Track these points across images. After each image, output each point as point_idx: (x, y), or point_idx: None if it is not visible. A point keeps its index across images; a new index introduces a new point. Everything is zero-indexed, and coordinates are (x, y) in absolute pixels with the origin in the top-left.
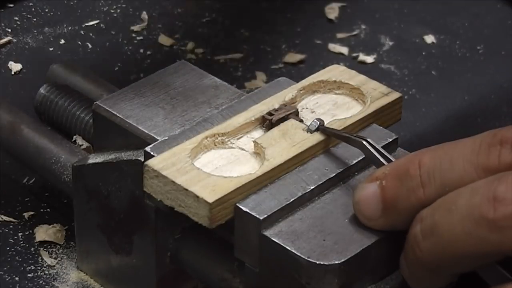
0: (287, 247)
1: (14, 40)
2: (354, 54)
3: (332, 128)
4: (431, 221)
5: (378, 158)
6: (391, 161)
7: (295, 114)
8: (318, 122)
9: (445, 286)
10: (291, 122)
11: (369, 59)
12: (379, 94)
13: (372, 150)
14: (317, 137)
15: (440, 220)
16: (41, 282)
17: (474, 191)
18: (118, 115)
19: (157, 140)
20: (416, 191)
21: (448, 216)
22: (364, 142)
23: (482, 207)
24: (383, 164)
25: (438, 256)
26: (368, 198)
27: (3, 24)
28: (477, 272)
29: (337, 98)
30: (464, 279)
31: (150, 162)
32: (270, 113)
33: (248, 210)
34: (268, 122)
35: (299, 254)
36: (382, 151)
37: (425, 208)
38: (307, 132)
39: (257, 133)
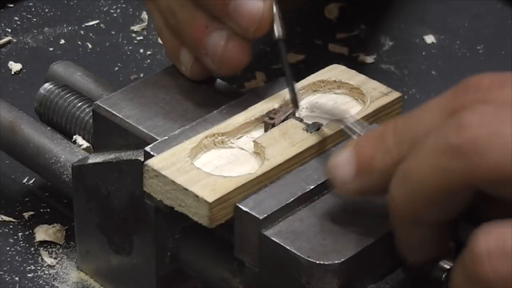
0: (287, 247)
1: (14, 40)
2: (354, 54)
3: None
4: (402, 169)
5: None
6: None
7: (295, 114)
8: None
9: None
10: (291, 121)
11: (369, 59)
12: (379, 94)
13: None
14: (317, 137)
15: (409, 164)
16: (41, 282)
17: (440, 128)
18: (118, 115)
19: (157, 140)
20: (391, 150)
21: (416, 156)
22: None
23: (447, 134)
24: None
25: (410, 201)
26: (343, 161)
27: (3, 24)
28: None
29: (337, 98)
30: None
31: (150, 162)
32: (270, 117)
33: (248, 210)
34: (270, 127)
35: (299, 254)
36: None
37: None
38: (307, 131)
39: (257, 133)
